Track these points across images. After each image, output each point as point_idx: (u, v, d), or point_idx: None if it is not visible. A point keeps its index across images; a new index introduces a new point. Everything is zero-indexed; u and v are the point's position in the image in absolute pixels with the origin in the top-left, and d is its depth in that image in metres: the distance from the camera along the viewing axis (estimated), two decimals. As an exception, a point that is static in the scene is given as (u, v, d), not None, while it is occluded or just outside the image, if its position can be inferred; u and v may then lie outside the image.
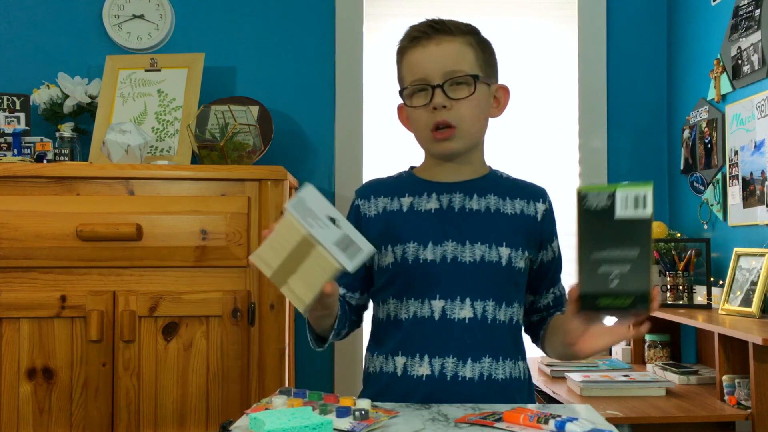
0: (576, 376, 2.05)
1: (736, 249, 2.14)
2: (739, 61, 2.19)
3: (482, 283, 1.27)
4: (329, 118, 2.60)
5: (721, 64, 2.29)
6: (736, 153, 2.21)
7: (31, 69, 2.52)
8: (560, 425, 0.96)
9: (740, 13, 2.19)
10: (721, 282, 2.17)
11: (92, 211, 1.93)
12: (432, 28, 1.27)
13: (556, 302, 1.39)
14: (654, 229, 2.46)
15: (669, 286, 2.33)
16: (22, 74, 2.51)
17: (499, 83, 1.35)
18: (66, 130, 2.25)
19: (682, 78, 2.58)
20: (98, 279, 1.94)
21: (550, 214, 1.37)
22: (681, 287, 2.30)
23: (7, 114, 2.32)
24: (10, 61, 2.53)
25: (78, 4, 2.55)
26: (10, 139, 2.25)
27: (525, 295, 1.39)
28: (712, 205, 2.36)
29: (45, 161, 2.15)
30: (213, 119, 2.23)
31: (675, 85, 2.63)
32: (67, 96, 2.37)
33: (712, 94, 2.35)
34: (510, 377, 1.28)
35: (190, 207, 1.95)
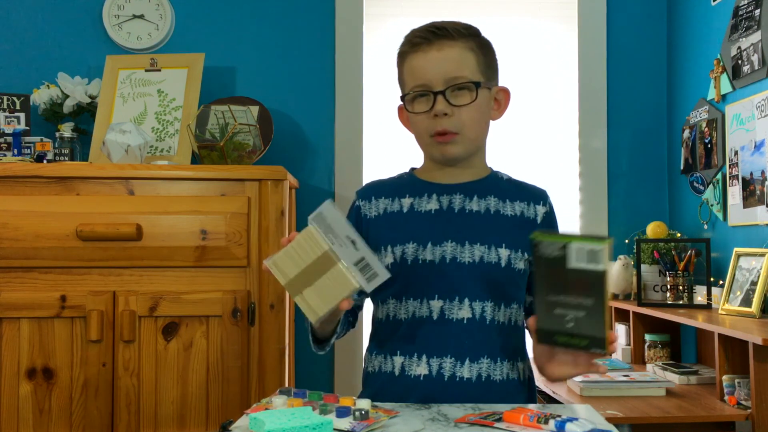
0: (576, 376, 2.05)
1: (736, 249, 2.14)
2: (739, 61, 2.19)
3: (481, 284, 1.27)
4: (329, 118, 2.60)
5: (721, 64, 2.29)
6: (736, 153, 2.21)
7: (31, 69, 2.52)
8: (560, 425, 0.96)
9: (740, 13, 2.19)
10: (721, 282, 2.17)
11: (92, 211, 1.93)
12: (433, 33, 1.26)
13: None
14: (654, 229, 2.49)
15: (669, 286, 2.33)
16: (22, 74, 2.51)
17: (499, 85, 1.35)
18: (66, 130, 2.25)
19: (682, 78, 2.58)
20: (98, 279, 1.94)
21: (550, 216, 1.37)
22: (681, 287, 2.30)
23: (7, 114, 2.32)
24: (10, 61, 2.52)
25: (78, 4, 2.55)
26: (10, 139, 2.26)
27: (525, 296, 1.39)
28: (712, 205, 2.36)
29: (45, 161, 2.15)
30: (213, 119, 2.23)
31: (675, 85, 2.63)
32: (67, 96, 2.37)
33: (712, 94, 2.35)
34: (508, 378, 1.28)
35: (190, 207, 1.95)
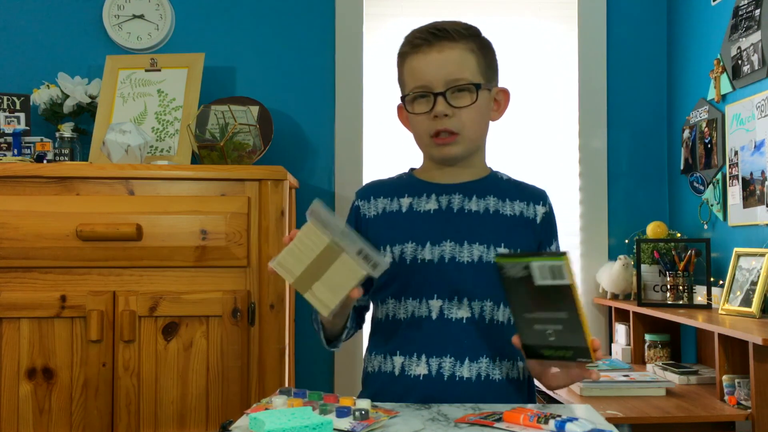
0: (576, 376, 2.05)
1: (736, 249, 2.14)
2: (739, 61, 2.19)
3: (480, 284, 1.27)
4: (329, 118, 2.60)
5: (721, 64, 2.29)
6: (736, 153, 2.21)
7: (31, 69, 2.52)
8: (560, 425, 0.96)
9: (740, 13, 2.19)
10: (721, 282, 2.17)
11: (92, 211, 1.93)
12: (434, 34, 1.26)
13: None
14: (654, 229, 2.49)
15: (669, 286, 2.33)
16: (22, 74, 2.51)
17: (499, 86, 1.35)
18: (66, 130, 2.25)
19: (682, 78, 2.58)
20: (98, 279, 1.94)
21: (549, 217, 1.37)
22: (681, 287, 2.30)
23: (7, 114, 2.32)
24: (10, 61, 2.53)
25: (78, 4, 2.55)
26: (10, 139, 2.26)
27: None
28: (712, 205, 2.36)
29: (45, 161, 2.15)
30: (213, 119, 2.23)
31: (675, 85, 2.63)
32: (67, 96, 2.37)
33: (712, 94, 2.35)
34: (507, 378, 1.28)
35: (190, 207, 1.95)
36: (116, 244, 1.92)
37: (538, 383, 2.08)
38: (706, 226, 2.40)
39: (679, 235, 2.50)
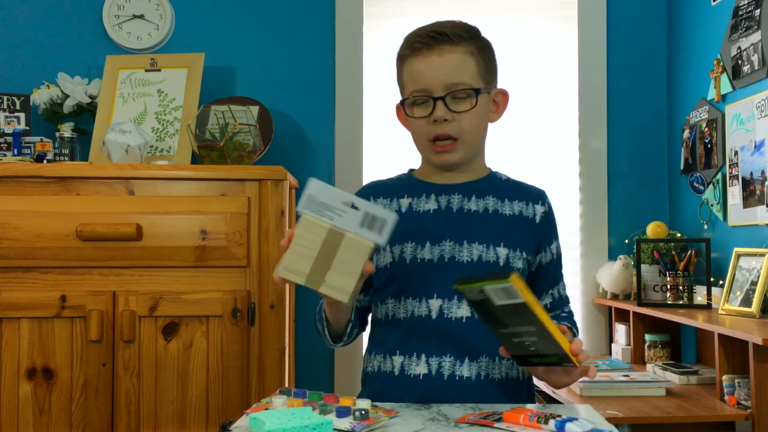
0: (576, 376, 2.05)
1: (736, 249, 2.14)
2: (739, 61, 2.19)
3: None
4: (329, 118, 2.60)
5: (721, 64, 2.29)
6: (736, 153, 2.21)
7: (31, 69, 2.52)
8: (560, 425, 0.96)
9: (740, 13, 2.19)
10: (721, 282, 2.17)
11: (92, 211, 1.93)
12: (433, 38, 1.25)
13: (554, 305, 1.39)
14: (654, 229, 2.49)
15: (669, 286, 2.33)
16: (22, 74, 2.51)
17: (498, 87, 1.34)
18: (66, 130, 2.25)
19: (682, 78, 2.58)
20: (98, 279, 1.94)
21: (549, 216, 1.37)
22: (681, 287, 2.30)
23: (7, 114, 2.32)
24: (10, 61, 2.53)
25: (78, 4, 2.55)
26: (10, 139, 2.26)
27: None
28: (712, 205, 2.36)
29: (45, 161, 2.15)
30: (213, 119, 2.23)
31: (675, 85, 2.63)
32: (67, 96, 2.37)
33: (712, 94, 2.35)
34: (507, 377, 1.28)
35: (190, 207, 1.95)
36: (116, 244, 1.92)
37: (538, 383, 2.09)
38: (706, 226, 2.40)
39: (679, 235, 2.50)
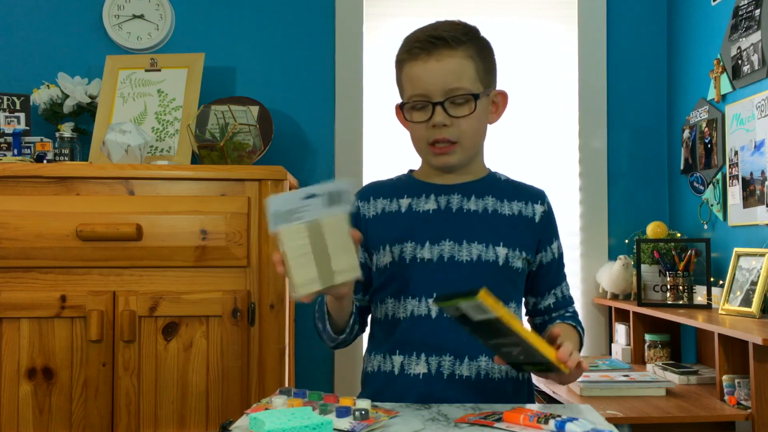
0: (576, 376, 2.05)
1: (736, 249, 2.14)
2: (739, 61, 2.19)
3: (479, 282, 1.26)
4: (329, 118, 2.60)
5: (721, 64, 2.29)
6: (736, 153, 2.21)
7: (31, 69, 2.52)
8: (560, 425, 0.96)
9: (740, 13, 2.19)
10: (721, 282, 2.17)
11: (92, 211, 1.93)
12: (432, 43, 1.25)
13: (557, 305, 1.39)
14: (654, 229, 2.49)
15: (669, 286, 2.33)
16: (22, 74, 2.51)
17: (497, 89, 1.34)
18: (66, 130, 2.25)
19: (682, 78, 2.58)
20: (98, 279, 1.94)
21: (548, 216, 1.37)
22: (681, 287, 2.30)
23: (7, 114, 2.32)
24: (10, 61, 2.53)
25: (78, 4, 2.55)
26: (10, 139, 2.25)
27: (527, 297, 1.39)
28: (712, 205, 2.36)
29: (45, 161, 2.15)
30: (213, 119, 2.23)
31: (675, 85, 2.63)
32: (67, 96, 2.37)
33: (712, 94, 2.35)
34: (506, 377, 1.28)
35: (190, 207, 1.95)
36: (116, 244, 1.92)
37: (538, 383, 2.09)
38: (706, 226, 2.40)
39: (679, 235, 2.50)
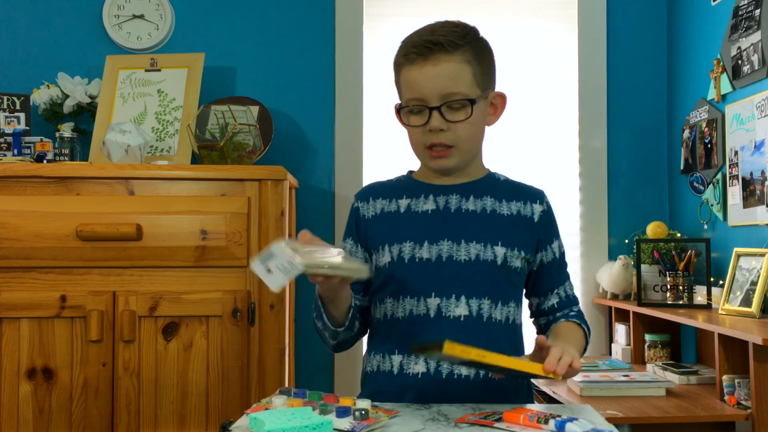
0: (576, 376, 2.05)
1: (736, 249, 2.14)
2: (739, 61, 2.19)
3: (477, 282, 1.27)
4: (329, 118, 2.60)
5: (721, 64, 2.29)
6: (736, 153, 2.21)
7: (31, 69, 2.52)
8: (560, 425, 0.96)
9: (740, 13, 2.19)
10: (721, 282, 2.17)
11: (92, 211, 1.93)
12: (428, 48, 1.24)
13: (561, 304, 1.38)
14: (654, 229, 2.49)
15: (669, 286, 2.33)
16: (22, 74, 2.51)
17: (496, 90, 1.34)
18: (66, 130, 2.25)
19: (682, 78, 2.58)
20: (98, 279, 1.94)
21: (548, 216, 1.37)
22: (681, 287, 2.30)
23: (7, 114, 2.32)
24: (10, 61, 2.52)
25: (78, 4, 2.55)
26: (10, 139, 2.25)
27: (531, 298, 1.39)
28: (712, 205, 2.36)
29: (45, 161, 2.15)
30: (213, 119, 2.23)
31: (675, 85, 2.63)
32: (67, 96, 2.37)
33: (712, 94, 2.35)
34: (506, 376, 1.28)
35: (190, 207, 1.95)
36: (116, 244, 1.92)
37: (538, 382, 2.09)
38: (706, 226, 2.40)
39: (679, 235, 2.50)
